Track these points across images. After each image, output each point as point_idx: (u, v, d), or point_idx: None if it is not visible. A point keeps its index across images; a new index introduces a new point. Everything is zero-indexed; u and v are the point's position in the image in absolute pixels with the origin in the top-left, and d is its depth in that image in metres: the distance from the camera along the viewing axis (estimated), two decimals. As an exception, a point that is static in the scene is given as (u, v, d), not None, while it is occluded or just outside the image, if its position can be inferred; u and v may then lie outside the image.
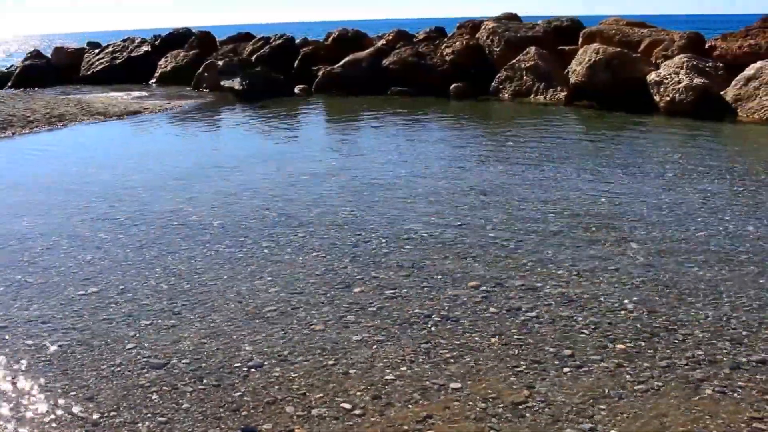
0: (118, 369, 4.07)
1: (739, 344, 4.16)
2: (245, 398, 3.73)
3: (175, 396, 3.77)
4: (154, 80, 23.86)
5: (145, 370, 4.05)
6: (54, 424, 3.55)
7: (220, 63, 21.25)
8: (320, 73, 19.70)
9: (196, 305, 4.94)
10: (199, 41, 24.57)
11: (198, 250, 6.16)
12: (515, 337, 4.33)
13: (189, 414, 3.60)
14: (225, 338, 4.41)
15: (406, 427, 3.42)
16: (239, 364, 4.08)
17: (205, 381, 3.91)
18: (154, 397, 3.77)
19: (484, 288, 5.11)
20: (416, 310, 4.75)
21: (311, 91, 19.47)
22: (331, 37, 21.90)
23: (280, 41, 22.05)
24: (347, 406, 3.62)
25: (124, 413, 3.62)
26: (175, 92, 20.60)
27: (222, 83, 19.80)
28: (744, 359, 3.99)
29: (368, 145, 11.79)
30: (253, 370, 4.02)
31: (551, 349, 4.16)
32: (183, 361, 4.13)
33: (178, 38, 25.47)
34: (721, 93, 13.66)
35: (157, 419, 3.56)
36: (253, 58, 21.57)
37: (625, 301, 4.81)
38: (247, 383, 3.87)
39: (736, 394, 3.64)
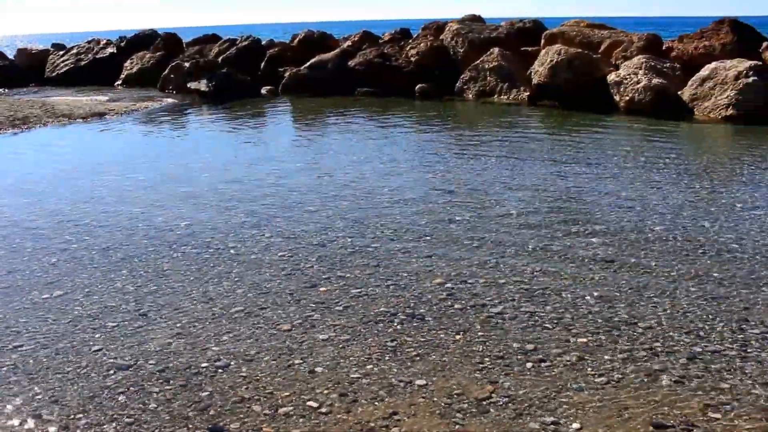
0: (84, 371, 4.06)
1: (696, 336, 4.29)
2: (213, 398, 3.74)
3: (142, 397, 3.77)
4: (119, 82, 23.60)
5: (112, 372, 4.04)
6: (19, 428, 3.53)
7: (187, 64, 21.10)
8: (287, 74, 19.70)
9: (163, 306, 4.94)
10: (165, 43, 24.39)
11: (164, 251, 6.14)
12: (479, 333, 4.40)
13: (156, 414, 3.60)
14: (192, 339, 4.42)
15: (372, 424, 3.46)
16: (206, 364, 4.09)
17: (172, 381, 3.91)
18: (121, 398, 3.76)
19: (449, 285, 5.18)
20: (382, 309, 4.80)
21: (278, 92, 19.46)
22: (297, 39, 21.94)
23: (246, 43, 22.03)
24: (314, 404, 3.65)
25: (91, 415, 3.61)
26: (141, 94, 20.40)
27: (188, 85, 19.67)
28: (700, 350, 4.11)
29: (334, 144, 11.83)
30: (220, 370, 4.03)
31: (515, 345, 4.23)
32: (150, 362, 4.13)
33: (143, 40, 25.22)
34: (679, 93, 14.02)
35: (123, 420, 3.55)
36: (220, 59, 21.48)
37: (587, 296, 4.92)
38: (214, 383, 3.88)
39: (692, 384, 3.75)
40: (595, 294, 4.96)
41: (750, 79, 12.95)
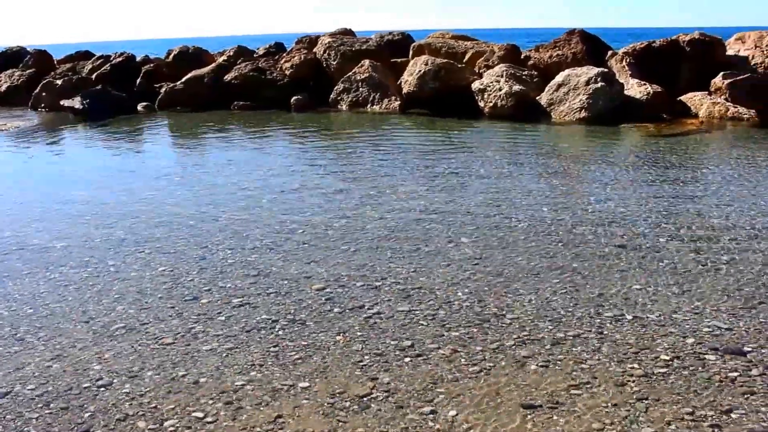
0: (-44, 403, 3.92)
1: (558, 323, 4.63)
2: (95, 418, 3.70)
3: (20, 424, 3.67)
4: (-13, 102, 22.38)
5: (-14, 401, 3.92)
6: None
7: (59, 82, 20.35)
8: (163, 90, 19.37)
9: (41, 329, 4.82)
10: (35, 60, 23.47)
11: (41, 273, 5.96)
12: (358, 333, 4.58)
13: (36, 440, 3.55)
14: (72, 359, 4.35)
15: (258, 429, 3.52)
16: (88, 384, 4.04)
17: (52, 405, 3.84)
18: (-3, 428, 3.67)
19: (327, 290, 5.34)
20: (263, 316, 4.89)
21: (154, 108, 19.09)
22: (172, 54, 21.62)
23: (120, 59, 21.48)
24: (199, 414, 3.68)
25: (-36, 449, 3.51)
26: (11, 113, 19.42)
27: (62, 102, 18.91)
28: (562, 335, 4.45)
29: (210, 158, 11.78)
30: (102, 389, 3.99)
31: (392, 342, 4.42)
32: (28, 387, 4.03)
33: (11, 57, 24.11)
34: (537, 98, 15.01)
35: (1, 449, 3.49)
36: (94, 76, 20.85)
37: (458, 293, 5.20)
38: (96, 402, 3.85)
39: (557, 367, 4.05)
40: (466, 290, 5.25)
41: (599, 84, 14.19)
